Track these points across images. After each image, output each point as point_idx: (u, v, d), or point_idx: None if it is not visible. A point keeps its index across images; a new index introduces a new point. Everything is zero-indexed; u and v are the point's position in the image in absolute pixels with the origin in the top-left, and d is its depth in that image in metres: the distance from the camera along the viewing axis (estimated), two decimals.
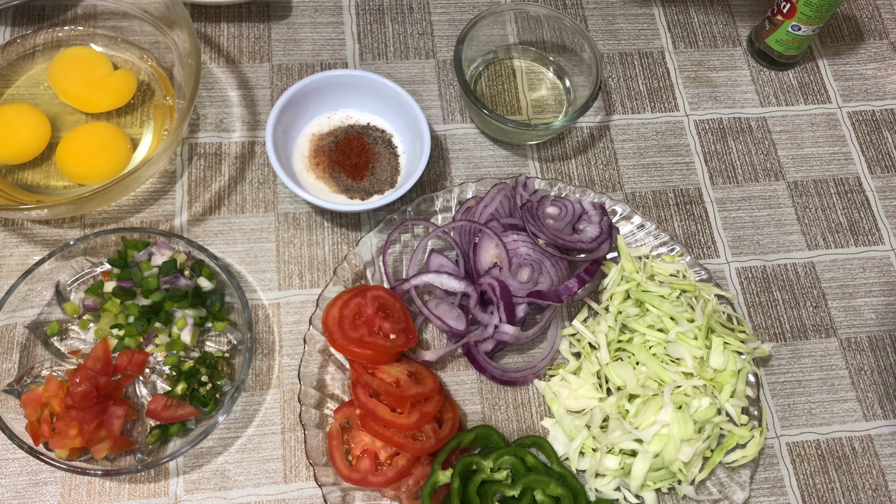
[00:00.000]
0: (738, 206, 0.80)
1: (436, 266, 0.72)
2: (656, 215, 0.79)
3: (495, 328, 0.68)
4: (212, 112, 0.79)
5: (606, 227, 0.72)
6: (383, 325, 0.66)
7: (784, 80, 0.88)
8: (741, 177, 0.82)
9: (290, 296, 0.72)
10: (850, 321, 0.76)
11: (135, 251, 0.68)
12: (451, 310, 0.70)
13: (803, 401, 0.72)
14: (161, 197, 0.75)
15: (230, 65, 0.81)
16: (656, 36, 0.89)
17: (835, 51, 0.90)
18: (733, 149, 0.83)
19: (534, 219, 0.71)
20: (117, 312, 0.66)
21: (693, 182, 0.81)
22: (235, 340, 0.69)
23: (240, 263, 0.73)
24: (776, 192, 0.82)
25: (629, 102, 0.85)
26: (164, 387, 0.66)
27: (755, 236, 0.79)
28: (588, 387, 0.68)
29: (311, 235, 0.75)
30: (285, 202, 0.76)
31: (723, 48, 0.89)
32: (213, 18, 0.83)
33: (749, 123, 0.85)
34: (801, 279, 0.77)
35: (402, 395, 0.63)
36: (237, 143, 0.78)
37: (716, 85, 0.87)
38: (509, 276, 0.69)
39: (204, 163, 0.77)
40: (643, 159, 0.82)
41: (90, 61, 0.76)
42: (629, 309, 0.70)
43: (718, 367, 0.66)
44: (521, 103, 0.83)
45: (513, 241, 0.70)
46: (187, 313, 0.67)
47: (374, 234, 0.72)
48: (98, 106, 0.75)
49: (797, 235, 0.80)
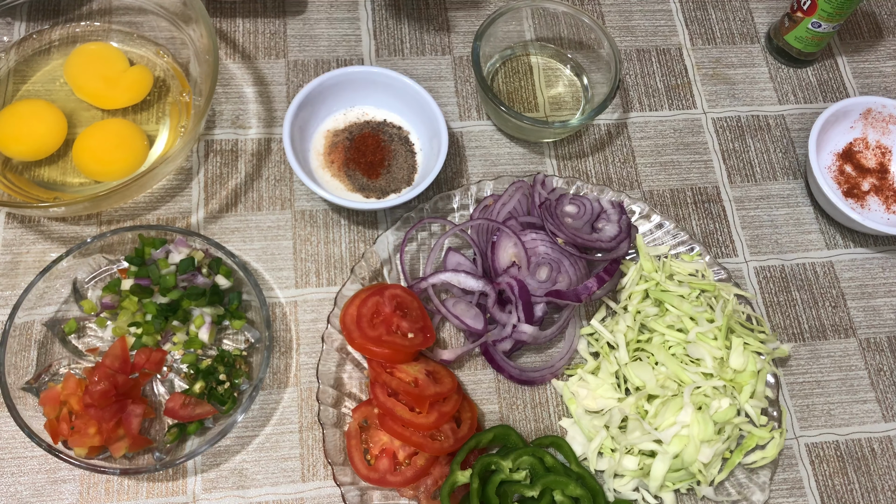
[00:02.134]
0: (756, 204, 0.80)
1: (453, 264, 0.72)
2: (674, 214, 0.79)
3: (513, 328, 0.68)
4: (228, 108, 0.79)
5: (625, 226, 0.71)
6: (401, 324, 0.66)
7: (803, 78, 0.87)
8: (759, 175, 0.81)
9: (307, 294, 0.72)
10: (869, 321, 0.75)
11: (152, 249, 0.68)
12: (469, 309, 0.69)
13: (822, 401, 0.72)
14: (177, 194, 0.74)
15: (246, 61, 0.81)
16: (674, 33, 0.88)
17: (854, 48, 0.89)
18: (751, 147, 0.83)
19: (552, 217, 0.70)
20: (135, 310, 0.66)
21: (711, 180, 0.81)
22: (253, 339, 0.69)
23: (256, 261, 0.73)
24: (794, 191, 0.81)
25: (646, 100, 0.84)
26: (181, 385, 0.66)
27: (773, 235, 0.79)
28: (607, 387, 0.67)
29: (327, 233, 0.74)
30: (302, 199, 0.75)
31: (741, 45, 0.88)
32: (228, 14, 0.83)
33: (767, 121, 0.84)
34: (819, 279, 0.77)
35: (421, 395, 0.63)
36: (253, 140, 0.77)
37: (734, 82, 0.86)
38: (528, 275, 0.69)
39: (220, 160, 0.76)
40: (661, 157, 0.81)
41: (106, 57, 0.75)
42: (648, 308, 0.69)
43: (738, 368, 0.66)
44: (538, 100, 0.82)
45: (531, 240, 0.70)
46: (205, 311, 0.67)
47: (391, 233, 0.72)
48: (114, 102, 0.75)
49: (816, 234, 0.79)
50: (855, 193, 0.80)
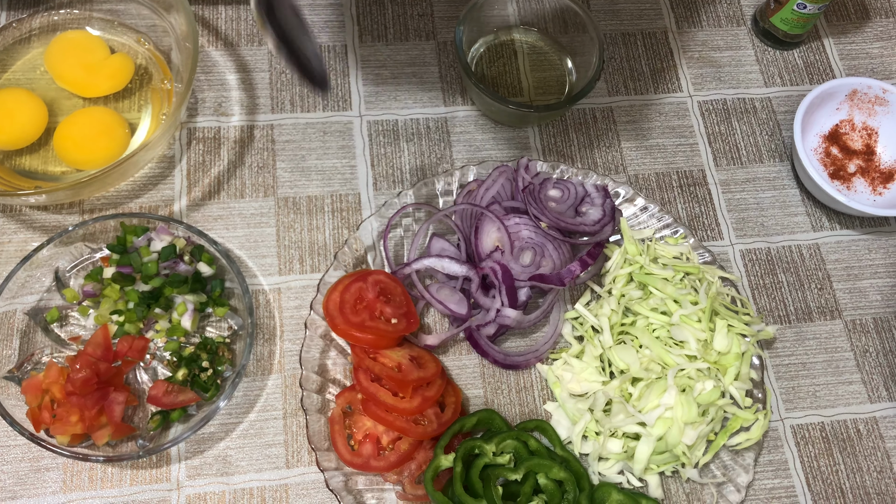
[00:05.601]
0: (742, 187, 0.80)
1: (437, 250, 0.71)
2: (660, 197, 0.78)
3: (497, 312, 0.67)
4: (210, 96, 0.78)
5: (609, 210, 0.71)
6: (384, 310, 0.66)
7: (789, 60, 0.87)
8: (745, 158, 0.81)
9: (290, 281, 0.71)
10: (855, 303, 0.75)
11: (134, 237, 0.68)
12: (453, 294, 0.69)
13: (808, 383, 0.72)
14: (160, 182, 0.74)
15: (228, 48, 0.80)
16: (659, 16, 0.87)
17: (841, 30, 0.89)
18: (737, 130, 0.82)
19: (536, 202, 0.70)
20: (117, 298, 0.66)
21: (697, 164, 0.80)
22: (236, 326, 0.69)
23: (240, 248, 0.72)
24: (780, 174, 0.81)
25: (632, 84, 0.84)
26: (164, 373, 0.66)
27: (759, 218, 0.78)
28: (591, 370, 0.67)
29: (311, 220, 0.74)
30: (285, 187, 0.75)
31: (727, 28, 0.88)
32: (210, 1, 0.82)
33: (753, 104, 0.84)
34: (805, 261, 0.77)
35: (404, 380, 0.63)
36: (236, 128, 0.77)
37: (720, 65, 0.86)
38: (511, 259, 0.69)
39: (203, 147, 0.76)
40: (646, 141, 0.81)
41: (87, 45, 0.75)
42: (632, 292, 0.69)
43: (722, 350, 0.66)
44: (522, 85, 0.82)
45: (514, 225, 0.70)
46: (187, 299, 0.67)
47: (374, 219, 0.72)
48: (95, 90, 0.74)
49: (802, 217, 0.79)
50: (841, 175, 0.80)
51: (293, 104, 0.79)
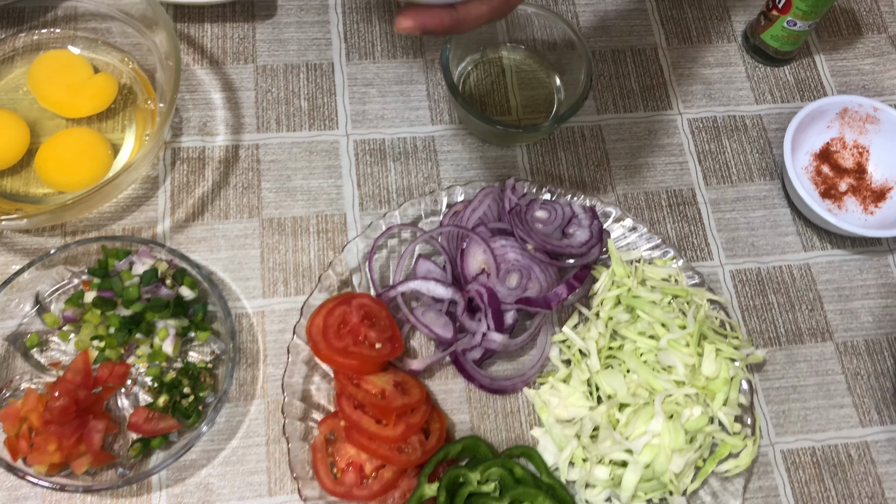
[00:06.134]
0: (732, 206, 0.79)
1: (423, 272, 0.71)
2: (648, 217, 0.77)
3: (483, 336, 0.67)
4: (195, 115, 0.77)
5: (597, 231, 0.70)
6: (369, 334, 0.65)
7: (780, 77, 0.86)
8: (735, 177, 0.80)
9: (274, 304, 0.71)
10: (846, 324, 0.75)
11: (115, 260, 0.67)
12: (439, 317, 0.68)
13: (798, 407, 0.71)
14: (143, 203, 0.73)
15: (214, 66, 0.80)
16: (649, 32, 0.87)
17: (832, 46, 0.88)
18: (728, 148, 0.82)
19: (522, 223, 0.69)
20: (97, 323, 0.65)
21: (686, 182, 0.80)
22: (219, 350, 0.68)
23: (223, 271, 0.71)
24: (771, 193, 0.80)
25: (621, 101, 0.83)
26: (146, 398, 0.65)
27: (750, 238, 0.78)
28: (578, 395, 0.66)
29: (296, 241, 0.73)
30: (270, 207, 0.74)
31: (717, 44, 0.87)
32: (196, 19, 0.82)
33: (744, 121, 0.83)
34: (796, 282, 0.76)
35: (388, 407, 0.62)
36: (221, 147, 0.76)
37: (710, 82, 0.85)
38: (497, 282, 0.68)
39: (187, 167, 0.75)
40: (635, 159, 0.80)
41: (70, 65, 0.74)
42: (620, 315, 0.68)
43: (710, 375, 0.65)
44: (510, 103, 0.81)
45: (500, 247, 0.69)
46: (169, 323, 0.66)
47: (360, 240, 0.71)
48: (78, 111, 0.74)
49: (793, 237, 0.78)
50: (832, 194, 0.79)
51: (279, 123, 0.78)
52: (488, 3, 0.48)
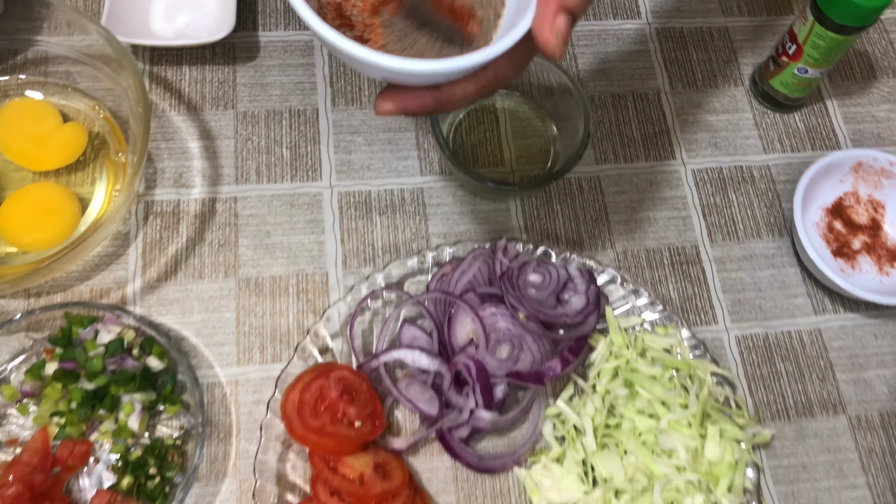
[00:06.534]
0: (738, 265, 0.74)
1: (408, 339, 0.66)
2: (649, 277, 0.73)
3: (471, 413, 0.62)
4: (170, 165, 0.73)
5: (594, 297, 0.66)
6: (348, 411, 0.61)
7: (790, 124, 0.81)
8: (742, 233, 0.76)
9: (249, 372, 0.66)
10: (860, 396, 0.70)
11: (80, 328, 0.63)
12: (424, 391, 0.64)
13: (808, 487, 0.66)
14: (113, 261, 0.69)
15: (191, 113, 0.76)
16: (652, 76, 0.82)
17: (845, 90, 0.84)
18: (734, 201, 0.77)
19: (514, 289, 0.65)
20: (58, 398, 0.61)
21: (690, 239, 0.75)
22: (188, 424, 0.63)
23: (196, 336, 0.67)
24: (780, 250, 0.75)
25: (622, 150, 0.78)
26: (109, 477, 0.61)
27: (757, 300, 0.73)
28: (572, 477, 0.62)
29: (274, 303, 0.69)
30: (247, 266, 0.70)
31: (723, 88, 0.83)
32: (173, 62, 0.77)
33: (751, 172, 0.79)
34: (806, 348, 0.71)
35: (366, 495, 0.57)
36: (197, 201, 0.72)
37: (716, 129, 0.80)
38: (487, 354, 0.64)
39: (160, 223, 0.71)
40: (636, 213, 0.76)
41: (37, 114, 0.70)
42: (618, 389, 0.64)
43: (714, 460, 0.60)
44: (504, 153, 0.76)
45: (490, 315, 0.65)
46: (135, 397, 0.62)
47: (343, 303, 0.67)
48: (45, 163, 0.69)
49: (803, 298, 0.73)
50: (845, 253, 0.74)
51: (259, 174, 0.74)
52: (475, 82, 0.44)
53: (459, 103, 0.44)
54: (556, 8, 0.40)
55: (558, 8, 0.40)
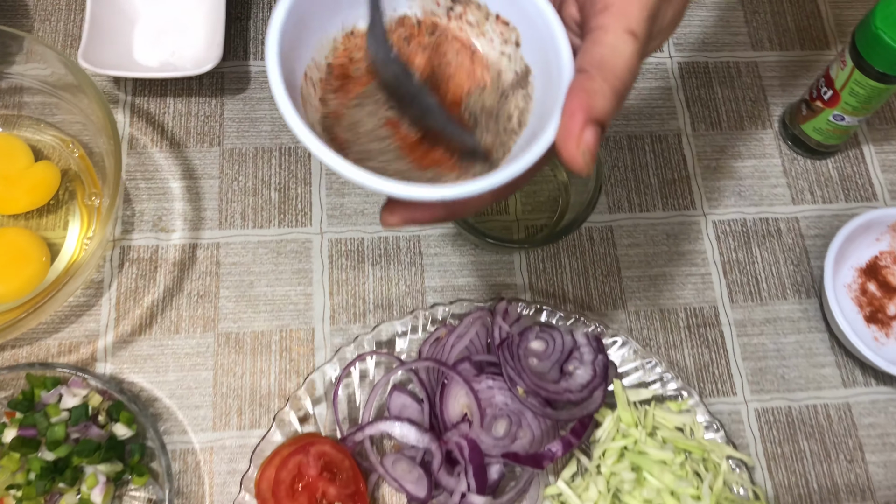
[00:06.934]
0: (760, 329, 0.68)
1: (397, 408, 0.61)
2: (663, 340, 0.67)
3: (462, 496, 0.57)
4: (150, 207, 0.68)
5: (601, 369, 0.60)
6: (328, 491, 0.56)
7: (822, 171, 0.75)
8: (766, 293, 0.70)
9: (225, 438, 0.62)
10: (891, 480, 0.64)
11: (43, 390, 0.58)
12: (412, 469, 0.59)
13: None
14: (84, 312, 0.64)
15: (174, 149, 0.71)
16: (672, 115, 0.76)
17: (883, 135, 0.77)
18: (758, 257, 0.71)
19: (513, 358, 0.59)
20: (15, 469, 0.56)
21: (709, 299, 0.69)
22: (156, 497, 0.59)
23: (170, 397, 0.62)
24: (807, 313, 0.69)
25: (637, 198, 0.72)
26: None
27: (780, 369, 0.67)
28: None
29: (254, 361, 0.64)
30: (227, 320, 0.65)
31: (750, 130, 0.76)
32: (157, 93, 0.72)
33: (778, 225, 0.72)
34: (833, 425, 0.65)
35: None
36: (176, 247, 0.67)
37: (741, 177, 0.74)
38: (481, 431, 0.58)
39: (136, 270, 0.66)
40: (650, 269, 0.70)
41: (7, 151, 0.66)
42: (624, 473, 0.58)
43: None
44: (508, 201, 0.71)
45: (486, 389, 0.59)
46: (99, 469, 0.57)
47: (328, 367, 0.62)
48: (14, 206, 0.65)
49: (831, 368, 0.67)
50: (879, 319, 0.68)
51: (244, 218, 0.69)
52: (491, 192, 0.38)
53: (473, 210, 0.39)
54: (584, 120, 0.34)
55: (586, 120, 0.34)
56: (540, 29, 0.39)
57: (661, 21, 0.38)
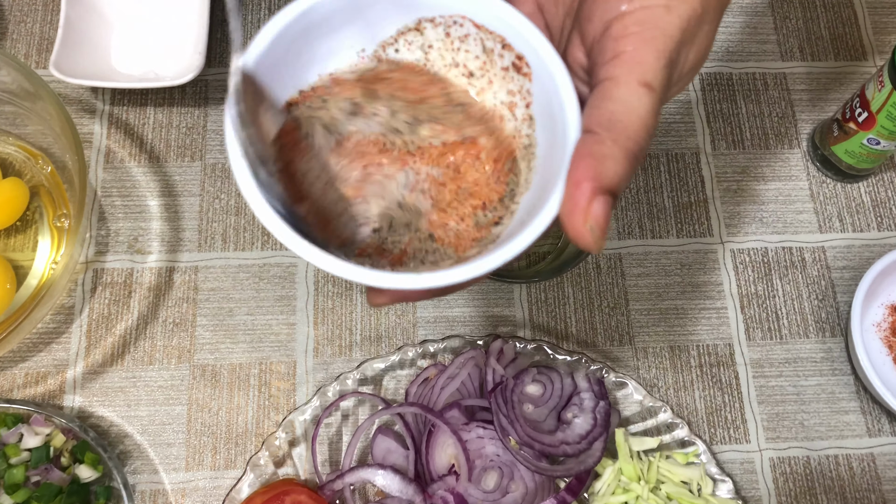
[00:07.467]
0: (779, 370, 0.63)
1: (381, 453, 0.57)
2: (672, 381, 0.62)
3: None
4: (125, 227, 0.64)
5: (602, 419, 0.56)
6: None
7: (853, 196, 0.69)
8: (787, 330, 0.64)
9: (198, 479, 0.58)
10: None
11: (3, 428, 0.55)
12: None
13: None
14: (53, 340, 0.61)
15: (153, 164, 0.66)
16: (691, 132, 0.70)
17: None
18: (779, 290, 0.65)
19: (506, 405, 0.55)
20: None
21: (724, 336, 0.64)
22: None
23: (141, 433, 0.59)
24: (831, 353, 0.64)
25: (649, 223, 0.67)
26: None
27: (799, 415, 0.62)
28: None
29: (231, 396, 0.60)
30: (204, 351, 0.61)
31: (776, 150, 0.70)
32: (137, 102, 0.68)
33: (802, 255, 0.67)
34: (856, 478, 0.60)
35: None
36: (152, 270, 0.63)
37: (763, 201, 0.68)
38: (469, 485, 0.54)
39: (110, 295, 0.62)
40: (661, 301, 0.65)
41: None
42: None
43: None
44: None
45: (476, 439, 0.55)
46: None
47: (308, 408, 0.57)
48: None
49: (855, 415, 0.62)
50: None
51: (225, 239, 0.64)
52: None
53: (466, 286, 0.34)
54: (592, 190, 0.29)
55: (594, 190, 0.29)
56: (543, 78, 0.34)
57: (681, 67, 0.32)
